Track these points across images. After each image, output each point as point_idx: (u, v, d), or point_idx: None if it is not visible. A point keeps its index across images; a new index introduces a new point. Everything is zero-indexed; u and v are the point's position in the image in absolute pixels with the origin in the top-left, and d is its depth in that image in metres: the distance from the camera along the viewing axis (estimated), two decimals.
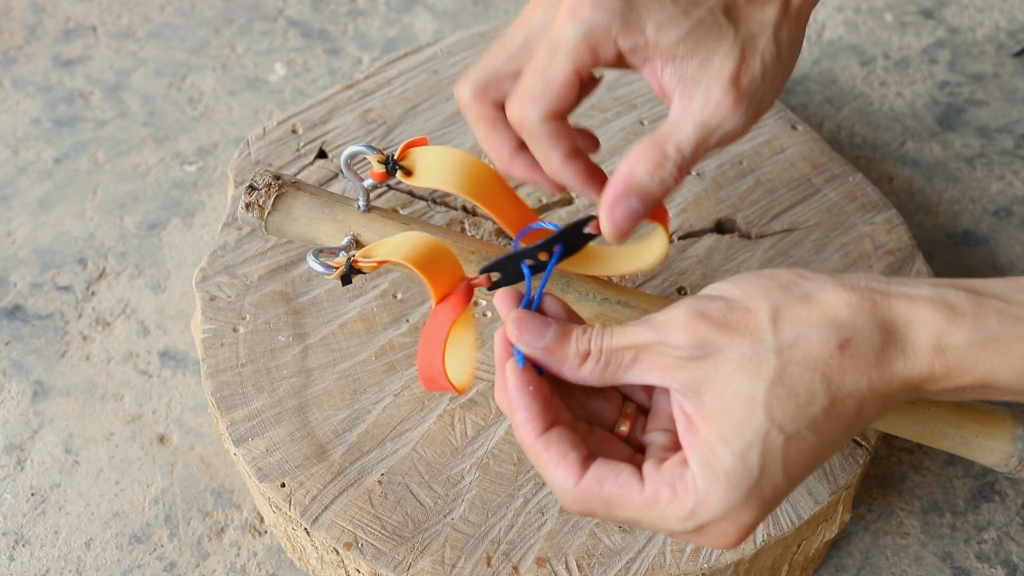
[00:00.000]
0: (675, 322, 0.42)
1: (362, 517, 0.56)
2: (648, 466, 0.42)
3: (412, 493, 0.57)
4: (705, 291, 0.44)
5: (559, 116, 0.49)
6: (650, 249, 0.55)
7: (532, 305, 0.47)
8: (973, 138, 0.93)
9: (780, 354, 0.41)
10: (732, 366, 0.41)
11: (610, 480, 0.42)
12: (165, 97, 0.97)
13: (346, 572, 0.58)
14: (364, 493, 0.57)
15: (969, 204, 0.87)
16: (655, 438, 0.45)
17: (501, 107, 0.52)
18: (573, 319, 0.47)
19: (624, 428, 0.46)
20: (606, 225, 0.48)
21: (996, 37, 1.03)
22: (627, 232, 0.48)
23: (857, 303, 0.41)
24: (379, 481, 0.58)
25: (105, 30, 1.04)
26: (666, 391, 0.46)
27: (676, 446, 0.44)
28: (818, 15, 1.05)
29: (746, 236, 0.70)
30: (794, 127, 0.76)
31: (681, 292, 0.66)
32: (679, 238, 0.69)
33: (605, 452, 0.45)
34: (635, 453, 0.45)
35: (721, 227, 0.70)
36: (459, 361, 0.51)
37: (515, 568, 0.55)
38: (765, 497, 0.41)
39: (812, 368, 0.40)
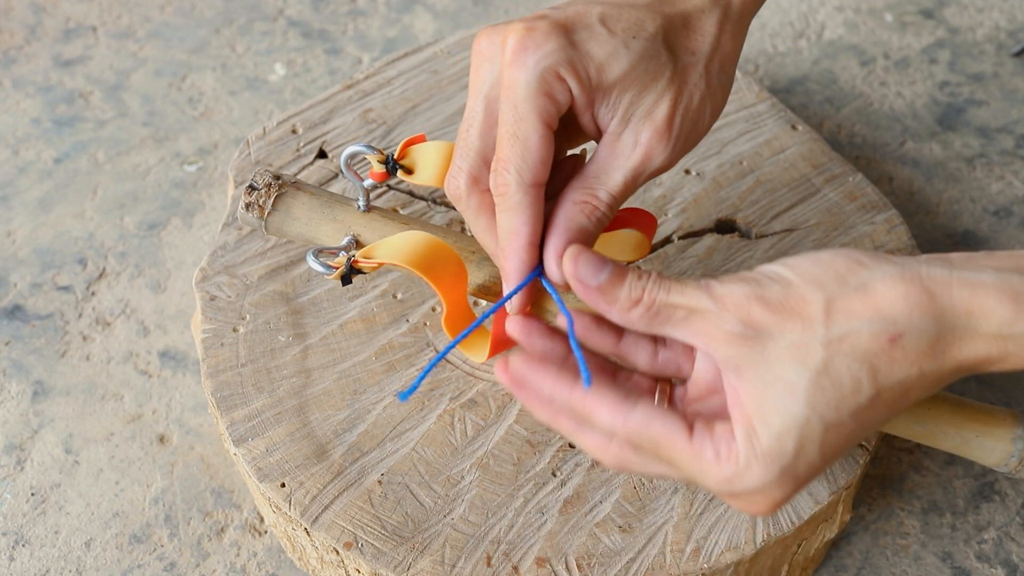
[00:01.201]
0: (733, 298, 0.42)
1: (362, 517, 0.56)
2: (699, 424, 0.43)
3: (412, 493, 0.57)
4: (763, 269, 0.44)
5: (541, 183, 0.47)
6: (637, 247, 0.57)
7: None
8: (973, 138, 0.93)
9: (829, 346, 0.41)
10: (779, 352, 0.41)
11: (657, 421, 0.42)
12: (165, 97, 0.97)
13: (346, 572, 0.58)
14: (364, 493, 0.57)
15: (969, 204, 0.87)
16: (700, 408, 0.46)
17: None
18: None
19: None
20: (559, 274, 0.47)
21: (996, 37, 1.03)
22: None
23: (914, 296, 0.41)
24: (379, 481, 0.58)
25: (105, 30, 1.04)
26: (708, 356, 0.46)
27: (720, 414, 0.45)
28: (818, 15, 1.05)
29: (746, 236, 0.70)
30: (794, 127, 0.76)
31: None
32: (679, 238, 0.69)
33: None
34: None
35: (721, 227, 0.70)
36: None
37: (515, 568, 0.55)
38: (799, 477, 0.42)
39: (860, 360, 0.41)
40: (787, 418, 0.41)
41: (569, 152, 0.52)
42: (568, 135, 0.51)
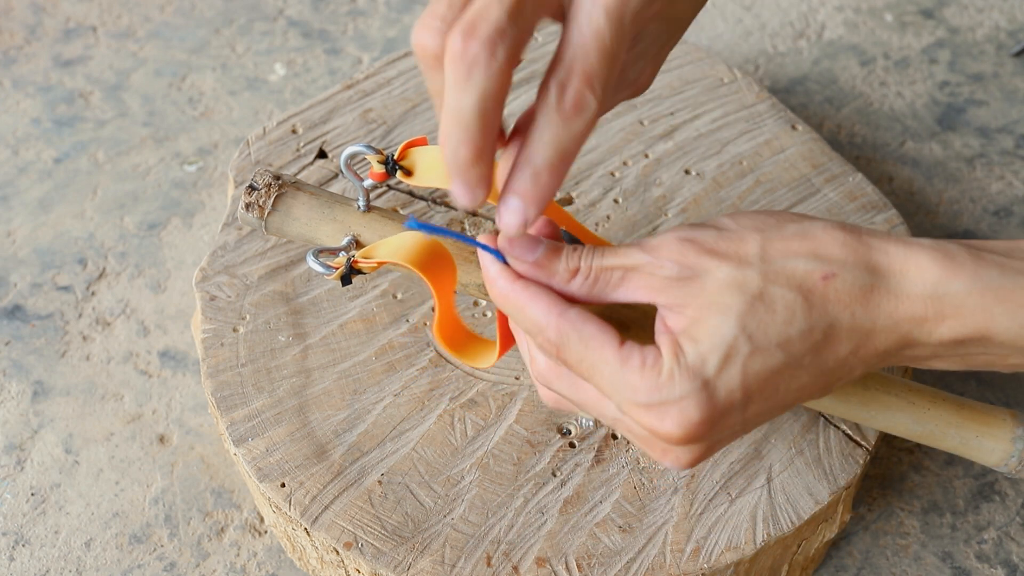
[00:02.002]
0: (665, 247, 0.44)
1: (362, 517, 0.56)
2: (631, 340, 0.44)
3: (412, 493, 0.57)
4: (702, 221, 0.46)
5: (516, 60, 0.39)
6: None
7: None
8: (973, 138, 0.93)
9: (765, 276, 0.42)
10: (717, 283, 0.42)
11: (592, 323, 0.43)
12: (165, 97, 0.97)
13: (346, 572, 0.58)
14: (364, 493, 0.57)
15: (969, 204, 0.87)
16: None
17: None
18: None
19: None
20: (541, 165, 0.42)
21: (996, 37, 1.03)
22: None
23: (851, 243, 0.43)
24: (379, 481, 0.58)
25: (105, 30, 1.04)
26: None
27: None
28: (818, 15, 1.05)
29: None
30: (794, 127, 0.76)
31: None
32: None
33: None
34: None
35: None
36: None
37: (515, 568, 0.55)
38: (717, 401, 0.41)
39: (796, 290, 0.42)
40: (716, 337, 0.41)
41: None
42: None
